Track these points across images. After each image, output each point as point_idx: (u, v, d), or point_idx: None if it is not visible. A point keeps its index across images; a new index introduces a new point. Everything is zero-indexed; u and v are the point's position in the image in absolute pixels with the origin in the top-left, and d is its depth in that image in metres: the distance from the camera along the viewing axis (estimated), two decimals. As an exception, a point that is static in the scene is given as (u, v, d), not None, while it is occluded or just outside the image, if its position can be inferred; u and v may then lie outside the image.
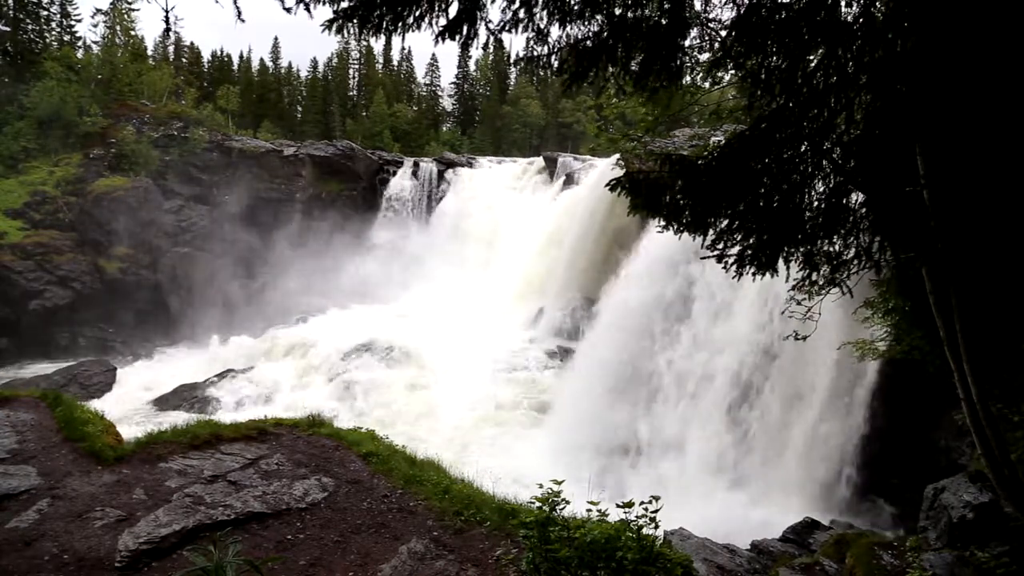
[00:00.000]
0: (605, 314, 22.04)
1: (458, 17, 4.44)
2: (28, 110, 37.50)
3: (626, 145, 7.96)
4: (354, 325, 28.70)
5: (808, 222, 5.08)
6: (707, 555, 7.03)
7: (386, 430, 10.50)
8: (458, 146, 62.88)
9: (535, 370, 23.83)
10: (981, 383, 5.09)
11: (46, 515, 6.32)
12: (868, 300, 9.05)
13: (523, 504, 6.48)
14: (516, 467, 15.83)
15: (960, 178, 4.81)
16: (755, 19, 4.34)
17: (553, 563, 4.64)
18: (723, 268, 5.37)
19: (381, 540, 6.43)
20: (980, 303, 5.43)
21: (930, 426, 11.60)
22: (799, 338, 6.83)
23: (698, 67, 5.18)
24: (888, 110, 4.65)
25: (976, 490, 6.35)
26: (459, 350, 25.38)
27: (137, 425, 16.63)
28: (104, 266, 33.19)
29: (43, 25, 46.19)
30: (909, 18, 4.30)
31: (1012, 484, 5.32)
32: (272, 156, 40.66)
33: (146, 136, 37.78)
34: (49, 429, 8.14)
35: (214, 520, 6.39)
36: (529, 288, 29.25)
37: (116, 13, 46.57)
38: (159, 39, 60.72)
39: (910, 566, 6.26)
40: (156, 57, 55.77)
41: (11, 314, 29.67)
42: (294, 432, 8.77)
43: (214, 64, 68.64)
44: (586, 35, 4.62)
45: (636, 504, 4.80)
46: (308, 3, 4.32)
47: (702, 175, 5.01)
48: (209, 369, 26.02)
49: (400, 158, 44.85)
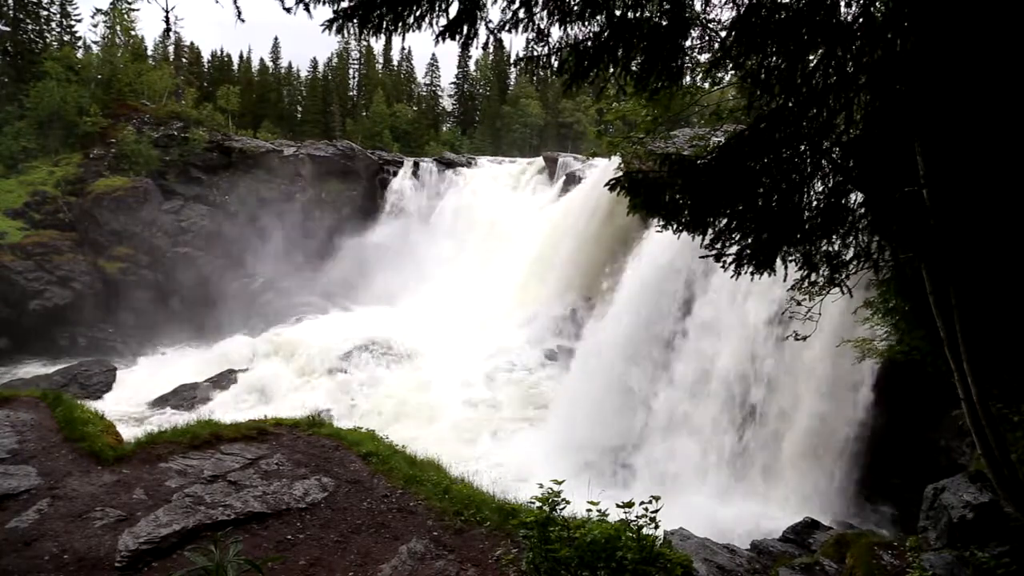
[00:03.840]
0: (605, 314, 22.04)
1: (458, 17, 4.44)
2: (28, 110, 37.52)
3: (627, 148, 7.96)
4: (354, 325, 28.74)
5: (807, 222, 5.08)
6: (707, 555, 7.02)
7: (386, 430, 10.50)
8: (458, 146, 62.84)
9: (535, 370, 23.84)
10: (981, 383, 5.09)
11: (46, 515, 6.32)
12: (868, 300, 9.05)
13: (523, 504, 6.49)
14: (516, 467, 15.86)
15: (960, 178, 4.81)
16: (755, 19, 4.34)
17: (553, 563, 4.64)
18: (722, 268, 5.37)
19: (381, 540, 6.43)
20: (980, 303, 5.43)
21: (930, 426, 11.60)
22: (799, 338, 6.84)
23: (698, 67, 5.17)
24: (888, 110, 4.65)
25: (976, 490, 6.35)
26: (459, 350, 25.41)
27: (137, 425, 16.65)
28: (104, 266, 33.20)
29: (43, 25, 46.15)
30: (909, 18, 4.30)
31: (1012, 484, 5.32)
32: (272, 156, 40.66)
33: (146, 136, 37.77)
34: (49, 429, 8.14)
35: (214, 520, 6.39)
36: (529, 288, 29.25)
37: (116, 13, 46.52)
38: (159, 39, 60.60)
39: (910, 566, 6.25)
40: (156, 57, 55.68)
41: (11, 314, 29.67)
42: (294, 432, 8.77)
43: (214, 64, 68.60)
44: (586, 35, 4.62)
45: (636, 504, 4.81)
46: (308, 3, 4.32)
47: (701, 175, 5.00)
48: (209, 369, 26.04)
49: (400, 158, 44.86)
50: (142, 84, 43.19)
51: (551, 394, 21.60)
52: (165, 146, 38.16)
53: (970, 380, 5.09)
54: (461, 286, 32.44)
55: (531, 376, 23.36)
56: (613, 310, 21.38)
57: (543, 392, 21.99)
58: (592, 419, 17.90)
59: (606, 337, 20.67)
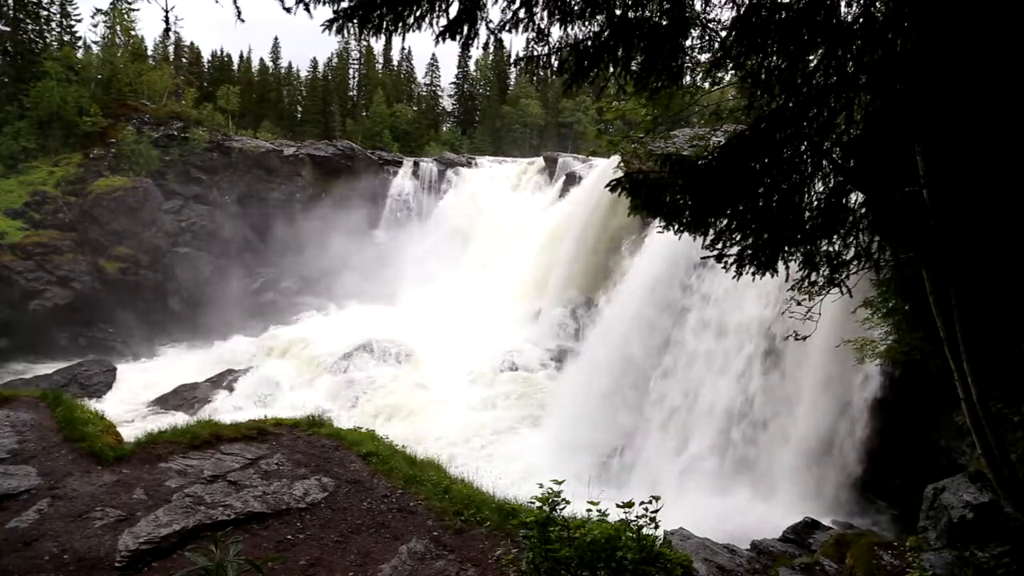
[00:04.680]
0: (605, 314, 22.05)
1: (458, 17, 4.44)
2: (28, 110, 37.50)
3: (626, 147, 7.95)
4: (354, 325, 28.75)
5: (808, 222, 5.08)
6: (707, 555, 7.02)
7: (386, 429, 10.52)
8: (458, 146, 62.82)
9: (535, 370, 23.84)
10: (981, 383, 5.09)
11: (46, 515, 6.32)
12: (868, 300, 9.05)
13: (523, 504, 6.48)
14: (516, 466, 15.87)
15: (960, 178, 4.81)
16: (755, 19, 4.34)
17: (553, 563, 4.64)
18: (723, 268, 5.37)
19: (381, 540, 6.43)
20: (980, 303, 5.43)
21: (930, 426, 11.60)
22: (799, 338, 6.83)
23: (698, 67, 5.17)
24: (888, 110, 4.65)
25: (976, 490, 6.35)
26: (459, 349, 25.41)
27: (137, 425, 16.64)
28: (104, 266, 33.20)
29: (43, 25, 46.11)
30: (909, 18, 4.30)
31: (1012, 484, 5.31)
32: (272, 156, 40.67)
33: (146, 136, 37.78)
34: (49, 429, 8.14)
35: (214, 520, 6.39)
36: (529, 288, 29.27)
37: (116, 13, 46.51)
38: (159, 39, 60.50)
39: (910, 566, 6.26)
40: (156, 57, 55.62)
41: (11, 314, 29.67)
42: (294, 432, 8.77)
43: (214, 64, 68.56)
44: (586, 35, 4.62)
45: (636, 504, 4.81)
46: (308, 3, 4.32)
47: (702, 175, 5.00)
48: (209, 369, 26.06)
49: (400, 158, 44.87)
50: (142, 84, 43.19)
51: (551, 394, 21.59)
52: (165, 146, 38.17)
53: (970, 380, 5.08)
54: (461, 286, 32.47)
55: (531, 376, 23.36)
56: (613, 310, 21.40)
57: (543, 392, 21.98)
58: (592, 419, 17.90)
59: (606, 337, 20.68)
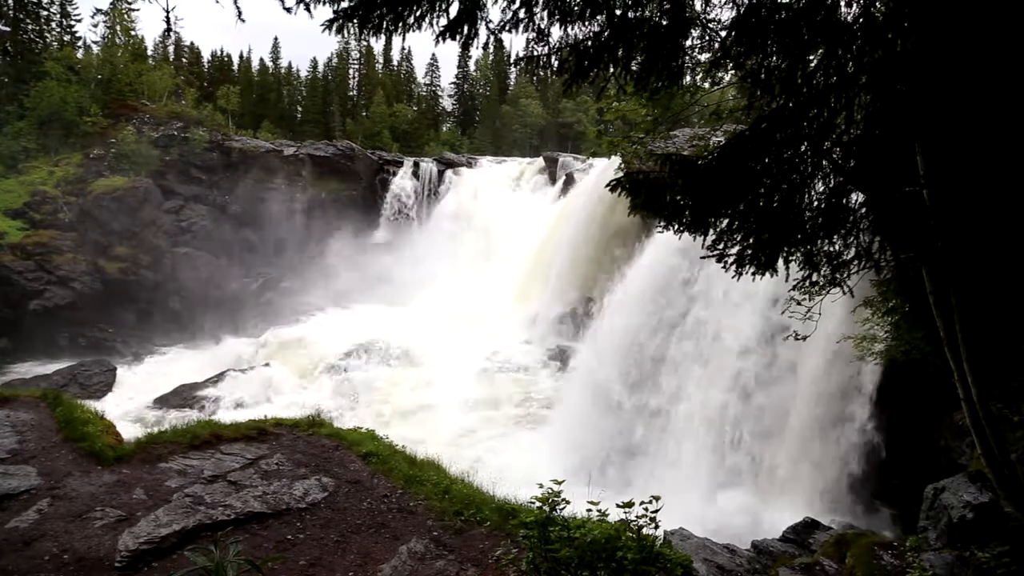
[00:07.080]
0: (606, 314, 22.03)
1: (458, 17, 4.44)
2: (28, 110, 37.52)
3: (627, 147, 7.96)
4: (353, 325, 28.72)
5: (808, 222, 5.08)
6: (707, 555, 7.03)
7: (385, 429, 10.50)
8: (458, 146, 62.84)
9: (535, 370, 23.84)
10: (981, 383, 5.09)
11: (46, 515, 6.32)
12: (868, 300, 9.05)
13: (523, 504, 6.48)
14: (516, 466, 15.83)
15: (960, 178, 4.81)
16: (755, 19, 4.34)
17: (553, 563, 4.64)
18: (723, 268, 5.37)
19: (381, 540, 6.43)
20: (980, 303, 5.43)
21: (930, 426, 11.59)
22: (799, 338, 6.84)
23: (698, 67, 5.17)
24: (888, 110, 4.65)
25: (976, 490, 6.35)
26: (459, 349, 25.39)
27: (137, 425, 16.65)
28: (104, 266, 33.19)
29: (43, 25, 46.19)
30: (909, 18, 4.30)
31: (1012, 484, 5.31)
32: (272, 156, 40.66)
33: (146, 136, 37.77)
34: (49, 429, 8.14)
35: (214, 520, 6.39)
36: (529, 288, 29.26)
37: (116, 13, 46.55)
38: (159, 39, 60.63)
39: (910, 566, 6.26)
40: (156, 57, 55.68)
41: (11, 314, 29.65)
42: (294, 432, 8.77)
43: (214, 64, 68.59)
44: (587, 35, 4.62)
45: (636, 504, 4.80)
46: (308, 3, 4.32)
47: (702, 175, 5.00)
48: (209, 369, 26.03)
49: (400, 158, 44.86)
50: (142, 84, 43.22)
51: (551, 394, 21.60)
52: (165, 146, 38.16)
53: (970, 380, 5.09)
54: (461, 286, 32.44)
55: (531, 376, 23.36)
56: (613, 309, 21.38)
57: (543, 392, 21.98)
58: (592, 419, 17.89)
59: (606, 336, 20.67)
